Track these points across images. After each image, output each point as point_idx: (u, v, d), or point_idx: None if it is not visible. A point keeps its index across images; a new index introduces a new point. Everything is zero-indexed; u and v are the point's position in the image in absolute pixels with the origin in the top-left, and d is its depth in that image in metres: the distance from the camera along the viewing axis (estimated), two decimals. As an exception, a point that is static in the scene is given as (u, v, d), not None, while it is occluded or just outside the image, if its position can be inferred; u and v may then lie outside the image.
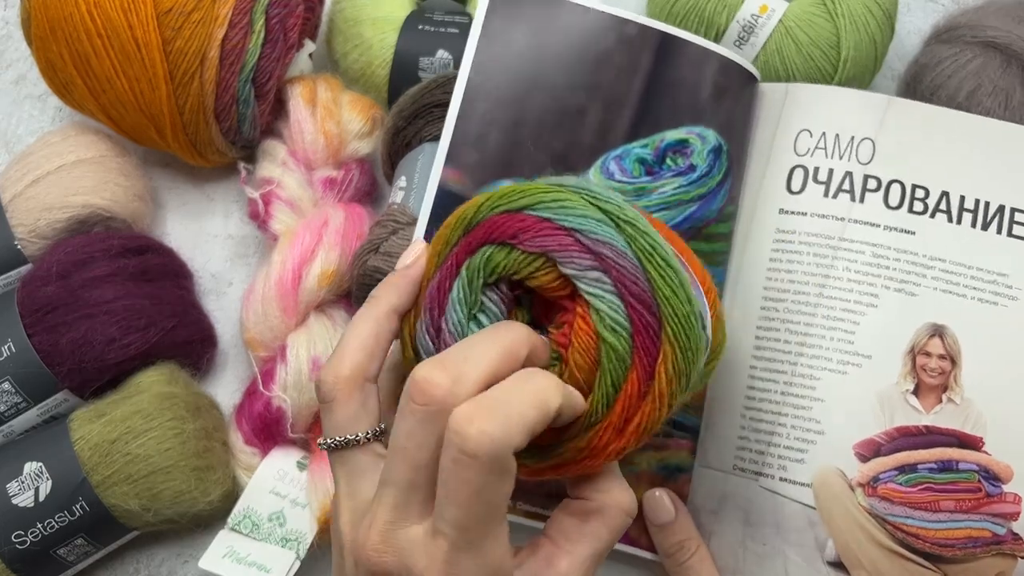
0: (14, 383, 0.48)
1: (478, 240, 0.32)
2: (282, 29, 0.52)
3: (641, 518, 0.48)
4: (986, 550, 0.45)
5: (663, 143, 0.51)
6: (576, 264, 0.31)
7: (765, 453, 0.47)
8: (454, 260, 0.32)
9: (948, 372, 0.47)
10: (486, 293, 0.32)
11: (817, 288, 0.48)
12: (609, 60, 0.50)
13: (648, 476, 0.48)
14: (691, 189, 0.50)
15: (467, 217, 0.33)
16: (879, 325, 0.47)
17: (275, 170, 0.54)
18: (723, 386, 0.49)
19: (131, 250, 0.51)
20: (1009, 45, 0.55)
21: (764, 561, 0.47)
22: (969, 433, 0.46)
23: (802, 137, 0.51)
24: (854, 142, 0.50)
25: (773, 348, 0.48)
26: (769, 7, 0.56)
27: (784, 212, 0.50)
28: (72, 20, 0.48)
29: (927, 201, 0.49)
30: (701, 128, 0.51)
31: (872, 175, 0.50)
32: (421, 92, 0.53)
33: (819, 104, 0.51)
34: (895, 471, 0.46)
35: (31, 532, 0.45)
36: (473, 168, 0.50)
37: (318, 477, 0.49)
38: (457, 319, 0.32)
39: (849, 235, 0.49)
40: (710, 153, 0.50)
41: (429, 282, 0.33)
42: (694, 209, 0.50)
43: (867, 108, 0.51)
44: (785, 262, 0.49)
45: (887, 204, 0.49)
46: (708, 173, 0.50)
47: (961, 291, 0.48)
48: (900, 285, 0.48)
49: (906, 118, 0.50)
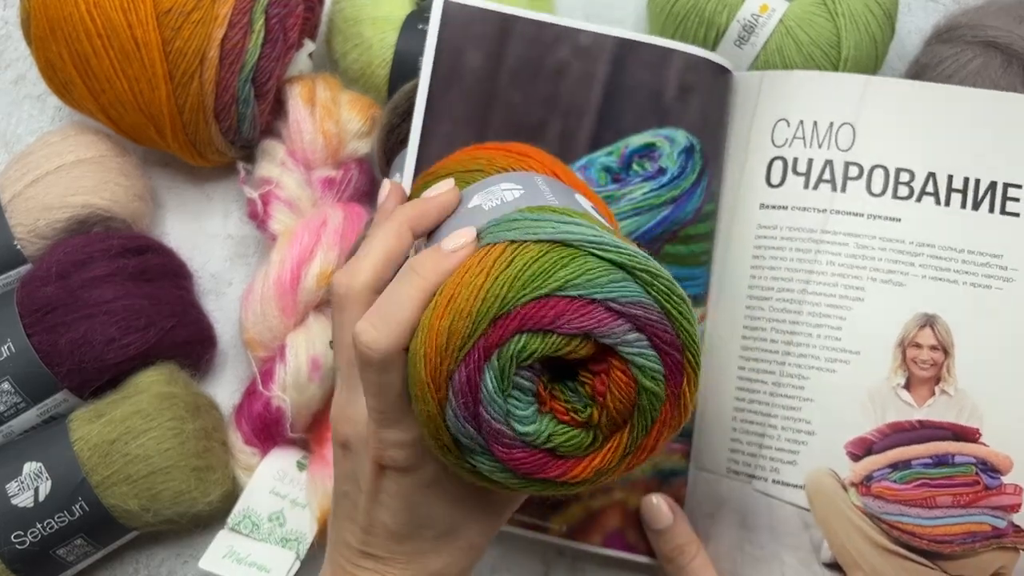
0: (13, 383, 0.48)
1: (509, 331, 0.32)
2: (282, 29, 0.52)
3: (640, 525, 0.48)
4: (986, 544, 0.44)
5: (628, 149, 0.50)
6: (615, 334, 0.32)
7: (757, 455, 0.47)
8: (481, 352, 0.32)
9: (940, 363, 0.46)
10: (519, 373, 0.32)
11: (801, 284, 0.47)
12: (565, 71, 0.50)
13: (643, 482, 0.48)
14: (662, 192, 0.49)
15: (489, 311, 0.32)
16: (866, 319, 0.46)
17: (274, 170, 0.54)
18: (713, 388, 0.49)
19: (130, 250, 0.51)
20: (1010, 45, 0.55)
21: (761, 565, 0.46)
22: (964, 425, 0.45)
23: (779, 127, 0.49)
24: (833, 128, 0.48)
25: (760, 348, 0.48)
26: (769, 7, 0.56)
27: (765, 207, 0.49)
28: (72, 20, 0.48)
29: (912, 185, 0.47)
30: (669, 130, 0.50)
31: (853, 162, 0.48)
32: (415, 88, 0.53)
33: (794, 91, 0.50)
34: (888, 468, 0.45)
35: (31, 532, 0.45)
36: None
37: (318, 477, 0.49)
38: (498, 407, 0.32)
39: (832, 227, 0.47)
40: (680, 154, 0.50)
41: (452, 373, 0.32)
42: (667, 212, 0.49)
43: (844, 91, 0.49)
44: (768, 259, 0.48)
45: (870, 191, 0.48)
46: (680, 175, 0.49)
47: (952, 277, 0.46)
48: (887, 276, 0.47)
49: (886, 98, 0.49)
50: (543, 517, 0.48)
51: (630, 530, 0.48)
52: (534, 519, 0.48)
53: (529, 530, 0.48)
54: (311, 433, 0.51)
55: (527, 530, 0.48)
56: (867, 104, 0.48)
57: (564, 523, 0.48)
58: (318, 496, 0.48)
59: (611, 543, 0.48)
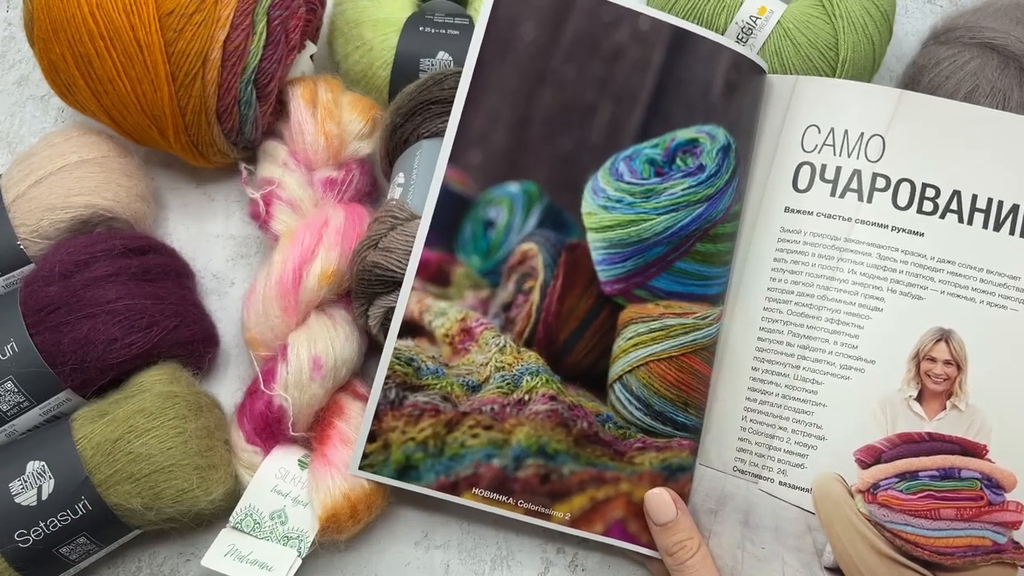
0: (16, 382, 0.48)
1: None
2: (283, 31, 0.53)
3: (642, 516, 0.48)
4: (986, 559, 0.45)
5: (674, 143, 0.50)
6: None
7: (765, 456, 0.47)
8: None
9: (953, 378, 0.46)
10: None
11: (821, 290, 0.48)
12: (621, 55, 0.49)
13: (650, 475, 0.48)
14: (700, 190, 0.50)
15: None
16: (883, 329, 0.47)
17: (276, 171, 0.55)
18: (724, 387, 0.49)
19: (133, 250, 0.52)
20: (1007, 46, 0.55)
21: (762, 564, 0.47)
22: (973, 440, 0.46)
23: (810, 133, 0.50)
24: (863, 139, 0.49)
25: (775, 351, 0.48)
26: (768, 8, 0.56)
27: (790, 211, 0.49)
28: (74, 21, 0.49)
29: (937, 201, 0.48)
30: (711, 126, 0.50)
31: (881, 173, 0.48)
32: (419, 89, 0.53)
33: (828, 98, 0.50)
34: (896, 478, 0.45)
35: (34, 531, 0.45)
36: (477, 170, 0.50)
37: (319, 475, 0.49)
38: None
39: (856, 236, 0.48)
40: (719, 152, 0.50)
41: None
42: (702, 210, 0.50)
43: (877, 103, 0.49)
44: (790, 262, 0.49)
45: (896, 204, 0.48)
46: (716, 173, 0.50)
47: (970, 295, 0.47)
48: (907, 288, 0.47)
49: (918, 113, 0.49)
50: (546, 505, 0.48)
51: (632, 521, 0.48)
52: (537, 506, 0.48)
53: (533, 517, 0.48)
54: (312, 432, 0.51)
55: (531, 517, 0.48)
56: (899, 118, 0.49)
57: (567, 511, 0.48)
58: (319, 494, 0.49)
59: (613, 533, 0.48)
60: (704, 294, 0.50)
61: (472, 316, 0.50)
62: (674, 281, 0.50)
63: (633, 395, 0.49)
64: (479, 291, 0.50)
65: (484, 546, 0.52)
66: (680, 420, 0.49)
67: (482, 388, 0.49)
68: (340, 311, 0.53)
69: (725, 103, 0.50)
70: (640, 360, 0.49)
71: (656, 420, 0.49)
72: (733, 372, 0.49)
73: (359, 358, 0.53)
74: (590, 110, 0.50)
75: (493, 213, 0.51)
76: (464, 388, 0.49)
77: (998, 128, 0.49)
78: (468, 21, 0.58)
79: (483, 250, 0.51)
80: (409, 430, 0.48)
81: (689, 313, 0.50)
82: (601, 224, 0.50)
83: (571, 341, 0.50)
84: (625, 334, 0.50)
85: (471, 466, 0.48)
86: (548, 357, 0.49)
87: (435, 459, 0.48)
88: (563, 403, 0.49)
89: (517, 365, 0.49)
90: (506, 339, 0.49)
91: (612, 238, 0.50)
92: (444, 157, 0.48)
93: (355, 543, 0.52)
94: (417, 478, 0.48)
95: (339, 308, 0.53)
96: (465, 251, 0.51)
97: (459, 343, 0.50)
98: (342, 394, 0.52)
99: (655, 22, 0.50)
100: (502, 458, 0.48)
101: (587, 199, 0.50)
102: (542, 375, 0.49)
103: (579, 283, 0.50)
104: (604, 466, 0.48)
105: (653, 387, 0.49)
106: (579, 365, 0.50)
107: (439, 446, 0.48)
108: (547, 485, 0.48)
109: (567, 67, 0.49)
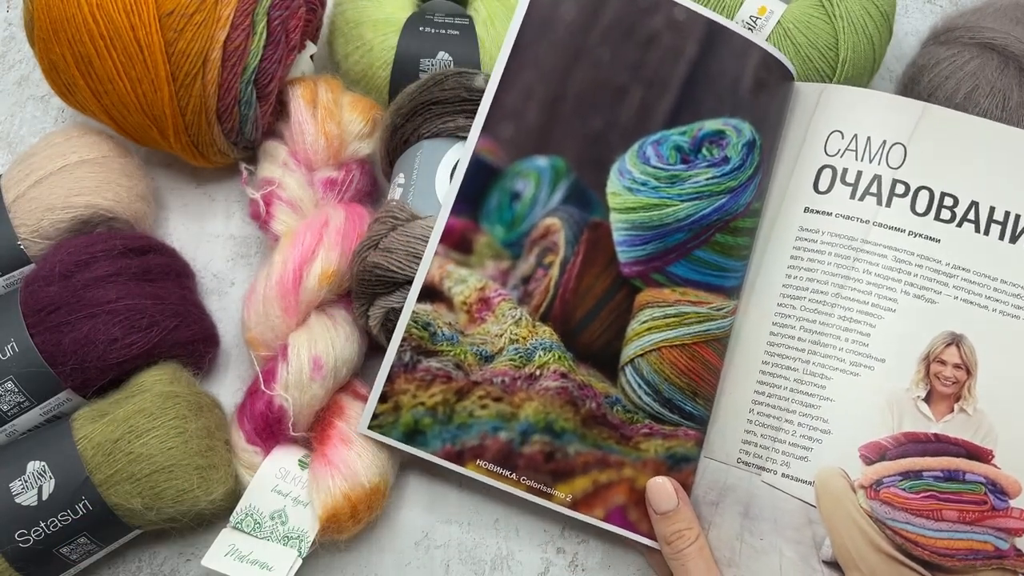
0: (17, 382, 0.48)
1: None
2: (284, 31, 0.53)
3: (644, 504, 0.48)
4: (987, 564, 0.45)
5: (701, 132, 0.51)
6: None
7: (770, 448, 0.47)
8: None
9: (962, 382, 0.47)
10: None
11: (836, 288, 0.48)
12: (656, 41, 0.51)
13: (654, 464, 0.49)
14: (723, 181, 0.50)
15: None
16: (895, 329, 0.47)
17: (276, 171, 0.55)
18: (734, 379, 0.49)
19: (133, 250, 0.52)
20: (1007, 46, 0.55)
21: (760, 555, 0.47)
22: (979, 445, 0.46)
23: (833, 138, 0.51)
24: (885, 146, 0.50)
25: (787, 345, 0.48)
26: (768, 8, 0.57)
27: (809, 211, 0.50)
28: (75, 22, 0.49)
29: (955, 210, 0.49)
30: (738, 120, 0.51)
31: (901, 180, 0.49)
32: (419, 90, 0.53)
33: (853, 106, 0.51)
34: (899, 476, 0.46)
35: (34, 531, 0.45)
36: (508, 142, 0.51)
37: (319, 475, 0.49)
38: None
39: (873, 238, 0.49)
40: (744, 147, 0.51)
41: None
42: (724, 201, 0.50)
43: (901, 113, 0.50)
44: (806, 260, 0.49)
45: (914, 210, 0.49)
46: (740, 167, 0.51)
47: (983, 302, 0.48)
48: (920, 291, 0.48)
49: (941, 125, 0.50)
50: (549, 484, 0.48)
51: (633, 508, 0.48)
52: (540, 484, 0.48)
53: (534, 495, 0.49)
54: (313, 432, 0.51)
55: (532, 495, 0.49)
56: (922, 128, 0.50)
57: (569, 492, 0.49)
58: (319, 494, 0.49)
59: (613, 519, 0.49)
60: (720, 285, 0.51)
61: (491, 286, 0.50)
62: (692, 269, 0.51)
63: (643, 379, 0.49)
64: (500, 262, 0.51)
65: (484, 546, 0.52)
66: (688, 409, 0.49)
67: (495, 359, 0.49)
68: (340, 311, 0.53)
69: (753, 100, 0.51)
70: (653, 345, 0.49)
71: (664, 407, 0.49)
72: (744, 364, 0.49)
73: (359, 358, 0.53)
74: (622, 92, 0.51)
75: (520, 185, 0.51)
76: (477, 357, 0.49)
77: (1018, 144, 0.50)
78: (468, 21, 0.58)
79: (507, 221, 0.51)
80: (420, 394, 0.48)
81: (704, 303, 0.50)
82: (625, 205, 0.50)
83: (586, 319, 0.50)
84: (640, 317, 0.50)
85: (477, 437, 0.48)
86: (562, 334, 0.50)
87: (443, 426, 0.48)
88: (574, 381, 0.49)
89: (531, 339, 0.49)
90: (523, 312, 0.50)
91: (635, 220, 0.50)
92: (478, 125, 0.49)
93: (355, 543, 0.52)
94: (424, 443, 0.48)
95: (339, 308, 0.53)
96: (490, 220, 0.51)
97: (476, 312, 0.50)
98: (342, 394, 0.52)
99: (691, 13, 0.51)
100: (509, 431, 0.48)
101: (613, 179, 0.51)
102: (555, 351, 0.49)
103: (599, 262, 0.50)
104: (609, 449, 0.49)
105: (663, 373, 0.49)
106: (592, 344, 0.50)
107: (448, 413, 0.48)
108: (551, 463, 0.48)
109: (602, 49, 0.51)
